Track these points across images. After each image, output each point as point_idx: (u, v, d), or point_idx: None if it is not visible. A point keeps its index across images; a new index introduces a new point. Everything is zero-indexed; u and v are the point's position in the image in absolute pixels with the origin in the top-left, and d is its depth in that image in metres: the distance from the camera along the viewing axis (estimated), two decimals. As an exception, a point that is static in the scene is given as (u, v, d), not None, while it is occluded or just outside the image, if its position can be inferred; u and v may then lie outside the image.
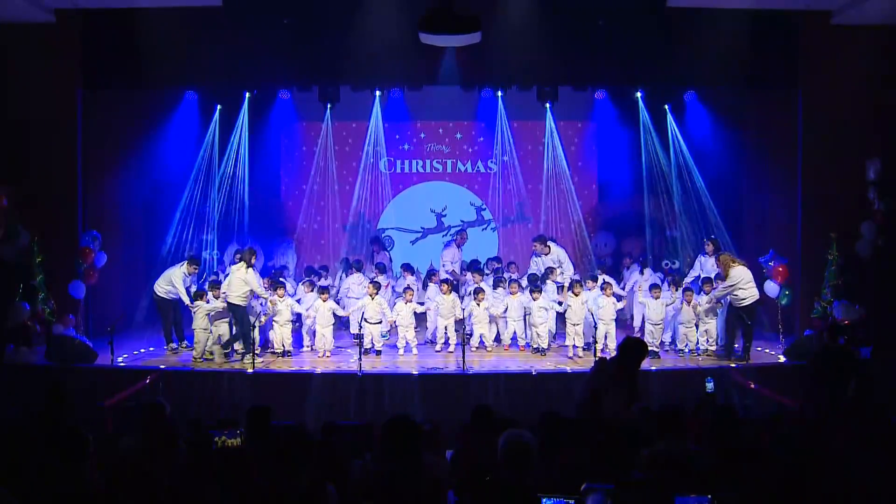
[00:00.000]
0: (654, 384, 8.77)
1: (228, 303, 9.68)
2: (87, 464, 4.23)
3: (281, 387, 8.92)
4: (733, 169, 12.00)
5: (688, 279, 10.66)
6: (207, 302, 9.84)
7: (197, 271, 10.60)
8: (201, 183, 11.74)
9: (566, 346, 10.10)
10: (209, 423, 5.66)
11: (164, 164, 11.85)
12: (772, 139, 11.31)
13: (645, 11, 10.27)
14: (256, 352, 9.37)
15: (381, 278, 10.73)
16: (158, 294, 10.28)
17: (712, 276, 10.25)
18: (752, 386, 8.64)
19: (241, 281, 9.62)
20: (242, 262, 9.76)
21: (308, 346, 10.35)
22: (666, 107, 11.99)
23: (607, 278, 10.65)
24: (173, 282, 10.16)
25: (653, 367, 9.08)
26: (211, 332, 9.82)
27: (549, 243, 11.08)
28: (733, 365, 9.27)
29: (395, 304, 10.37)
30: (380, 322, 10.09)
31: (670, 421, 4.60)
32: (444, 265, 11.46)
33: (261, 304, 10.08)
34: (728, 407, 5.35)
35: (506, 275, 10.98)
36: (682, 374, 9.11)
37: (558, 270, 10.75)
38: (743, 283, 9.45)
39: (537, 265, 11.04)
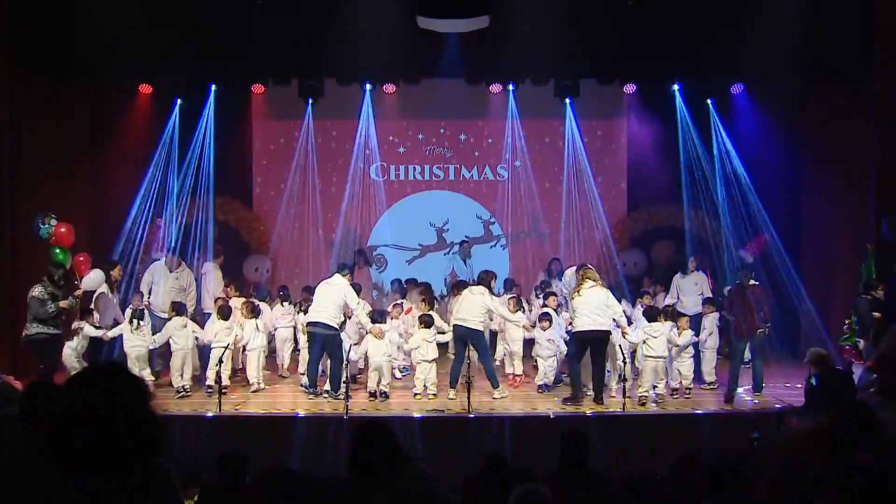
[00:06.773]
0: (701, 431, 8.55)
1: (324, 324, 9.11)
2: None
3: (252, 432, 8.52)
4: (791, 174, 11.95)
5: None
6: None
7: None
8: (158, 191, 11.60)
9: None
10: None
11: (114, 170, 11.78)
12: (838, 138, 11.16)
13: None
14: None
15: None
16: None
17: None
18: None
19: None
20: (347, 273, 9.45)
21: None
22: (708, 102, 11.92)
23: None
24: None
25: (698, 411, 8.93)
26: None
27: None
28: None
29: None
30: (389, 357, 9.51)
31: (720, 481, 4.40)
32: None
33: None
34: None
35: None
36: (732, 419, 8.83)
37: None
38: (575, 305, 8.98)
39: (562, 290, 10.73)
